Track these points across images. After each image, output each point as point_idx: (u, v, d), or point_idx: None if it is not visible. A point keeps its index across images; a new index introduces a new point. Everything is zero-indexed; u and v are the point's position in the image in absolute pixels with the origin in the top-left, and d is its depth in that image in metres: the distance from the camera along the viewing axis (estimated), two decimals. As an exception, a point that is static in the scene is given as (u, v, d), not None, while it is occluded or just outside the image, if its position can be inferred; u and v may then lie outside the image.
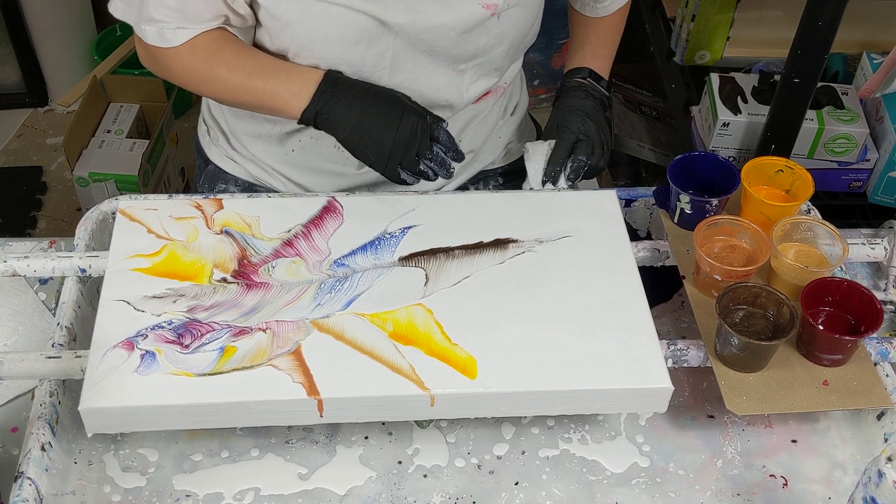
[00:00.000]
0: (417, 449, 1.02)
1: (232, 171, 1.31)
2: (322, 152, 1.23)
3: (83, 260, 1.07)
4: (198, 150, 1.37)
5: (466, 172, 1.33)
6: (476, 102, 1.24)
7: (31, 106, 2.63)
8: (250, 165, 1.29)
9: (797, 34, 1.27)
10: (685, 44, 1.76)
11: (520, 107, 1.37)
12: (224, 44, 1.11)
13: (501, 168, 1.38)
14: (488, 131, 1.31)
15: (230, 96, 1.13)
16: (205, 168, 1.34)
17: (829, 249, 1.06)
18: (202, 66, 1.11)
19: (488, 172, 1.37)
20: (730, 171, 1.12)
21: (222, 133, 1.31)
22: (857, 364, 1.00)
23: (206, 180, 1.33)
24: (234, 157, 1.30)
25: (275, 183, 1.28)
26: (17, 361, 0.97)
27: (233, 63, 1.10)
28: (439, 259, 1.06)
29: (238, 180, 1.30)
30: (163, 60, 1.12)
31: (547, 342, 0.98)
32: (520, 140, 1.39)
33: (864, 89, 1.46)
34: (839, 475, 1.01)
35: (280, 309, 1.00)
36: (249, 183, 1.30)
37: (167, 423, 0.94)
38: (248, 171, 1.30)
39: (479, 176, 1.36)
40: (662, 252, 1.13)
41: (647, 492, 0.99)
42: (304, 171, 1.26)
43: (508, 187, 1.37)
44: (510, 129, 1.36)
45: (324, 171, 1.25)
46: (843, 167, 1.55)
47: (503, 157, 1.37)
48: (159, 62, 1.13)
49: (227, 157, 1.31)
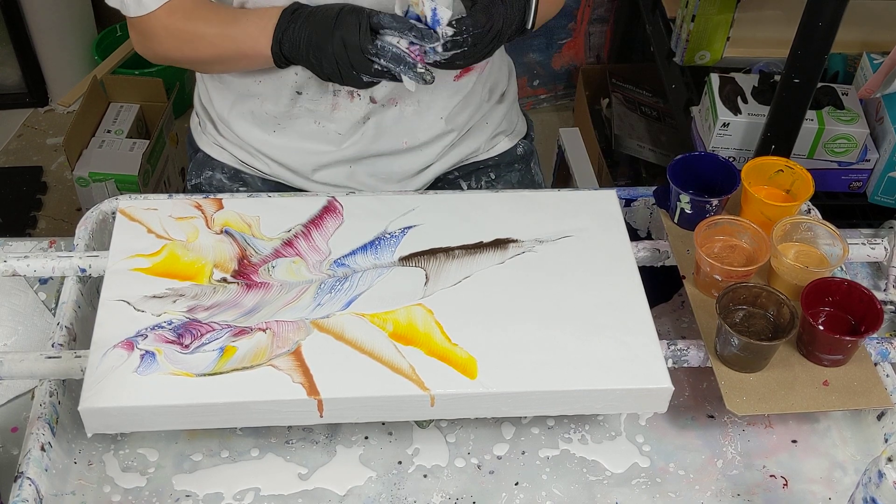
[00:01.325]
0: (417, 449, 1.02)
1: (219, 158, 1.34)
2: (302, 130, 1.25)
3: (83, 260, 1.07)
4: (189, 142, 1.40)
5: (451, 156, 1.33)
6: (458, 79, 1.25)
7: (31, 106, 2.63)
8: (236, 150, 1.32)
9: (797, 34, 1.28)
10: (685, 44, 1.76)
11: (508, 95, 1.38)
12: (198, 1, 1.15)
13: (492, 160, 1.38)
14: (472, 112, 1.31)
15: (212, 49, 1.15)
16: (195, 156, 1.38)
17: (829, 249, 1.06)
18: (182, 25, 1.14)
19: (479, 165, 1.37)
20: (730, 171, 1.12)
21: (210, 121, 1.34)
22: (858, 364, 1.00)
23: (194, 167, 1.36)
24: (222, 143, 1.33)
25: (259, 165, 1.31)
26: (17, 361, 0.97)
27: (208, 17, 1.14)
28: (439, 259, 1.06)
29: (224, 167, 1.33)
30: (148, 31, 1.16)
31: (547, 342, 0.98)
32: (507, 132, 1.39)
33: (864, 89, 1.46)
34: (839, 475, 1.01)
35: (280, 309, 1.00)
36: (235, 169, 1.33)
37: (167, 423, 0.94)
38: (234, 155, 1.33)
39: (469, 169, 1.37)
40: (662, 252, 1.13)
41: (647, 492, 0.99)
42: (286, 151, 1.28)
43: (502, 181, 1.38)
44: (498, 116, 1.36)
45: (305, 151, 1.27)
46: (843, 167, 1.55)
47: (490, 148, 1.38)
48: (146, 35, 1.17)
49: (214, 144, 1.34)
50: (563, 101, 2.69)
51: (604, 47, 2.61)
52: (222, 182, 1.33)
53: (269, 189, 1.33)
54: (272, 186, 1.33)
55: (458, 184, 1.36)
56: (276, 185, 1.33)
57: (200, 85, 1.35)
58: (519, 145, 1.41)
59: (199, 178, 1.35)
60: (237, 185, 1.33)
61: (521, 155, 1.41)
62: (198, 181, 1.35)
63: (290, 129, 1.26)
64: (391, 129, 1.26)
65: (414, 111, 1.25)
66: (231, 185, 1.33)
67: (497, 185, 1.37)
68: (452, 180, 1.36)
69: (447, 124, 1.28)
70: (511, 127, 1.40)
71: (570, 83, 2.66)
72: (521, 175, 1.40)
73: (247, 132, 1.29)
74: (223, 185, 1.33)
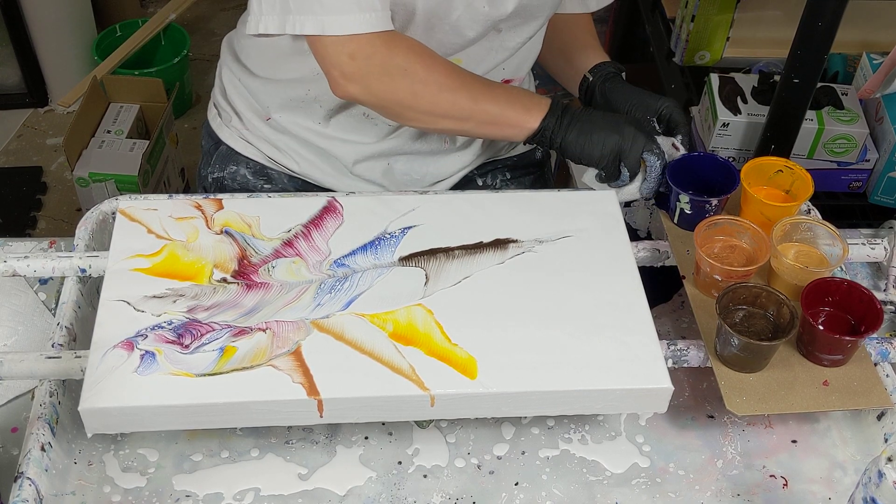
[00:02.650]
0: (417, 449, 1.02)
1: (244, 152, 1.30)
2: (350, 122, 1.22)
3: (83, 260, 1.07)
4: (208, 134, 1.34)
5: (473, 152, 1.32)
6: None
7: (31, 106, 2.63)
8: (264, 145, 1.28)
9: (797, 34, 1.27)
10: (685, 44, 1.76)
11: None
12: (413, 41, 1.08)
13: (511, 160, 1.38)
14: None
15: (469, 104, 1.10)
16: (216, 150, 1.32)
17: (829, 250, 1.06)
18: (430, 56, 1.07)
19: (497, 164, 1.37)
20: (730, 172, 1.12)
21: (236, 114, 1.30)
22: (857, 364, 1.00)
23: (218, 161, 1.31)
24: (248, 138, 1.29)
25: (288, 162, 1.28)
26: (17, 361, 0.97)
27: (446, 69, 1.09)
28: (439, 259, 1.06)
29: (250, 161, 1.30)
30: (395, 56, 1.04)
31: (547, 342, 0.98)
32: None
33: (864, 89, 1.46)
34: (839, 475, 1.01)
35: (280, 309, 1.00)
36: (261, 165, 1.29)
37: (167, 424, 0.94)
38: (261, 150, 1.29)
39: (487, 167, 1.37)
40: (662, 252, 1.13)
41: (647, 492, 0.99)
42: (333, 141, 1.24)
43: (516, 182, 1.38)
44: None
45: (351, 141, 1.24)
46: (843, 167, 1.55)
47: (513, 147, 1.38)
48: (386, 63, 1.04)
49: (240, 138, 1.30)
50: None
51: (604, 47, 2.61)
52: (246, 178, 1.29)
53: (294, 187, 1.29)
54: (298, 185, 1.30)
55: (474, 180, 1.36)
56: (302, 183, 1.30)
57: (230, 82, 1.30)
58: (538, 149, 1.42)
59: (223, 173, 1.30)
60: (262, 181, 1.29)
61: (538, 159, 1.43)
62: (220, 175, 1.31)
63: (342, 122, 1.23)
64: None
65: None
66: (255, 181, 1.29)
67: (511, 186, 1.38)
68: (469, 176, 1.36)
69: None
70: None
71: (571, 83, 2.66)
72: (535, 178, 1.41)
73: (294, 123, 1.24)
74: (247, 181, 1.29)
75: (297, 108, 1.23)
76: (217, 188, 1.32)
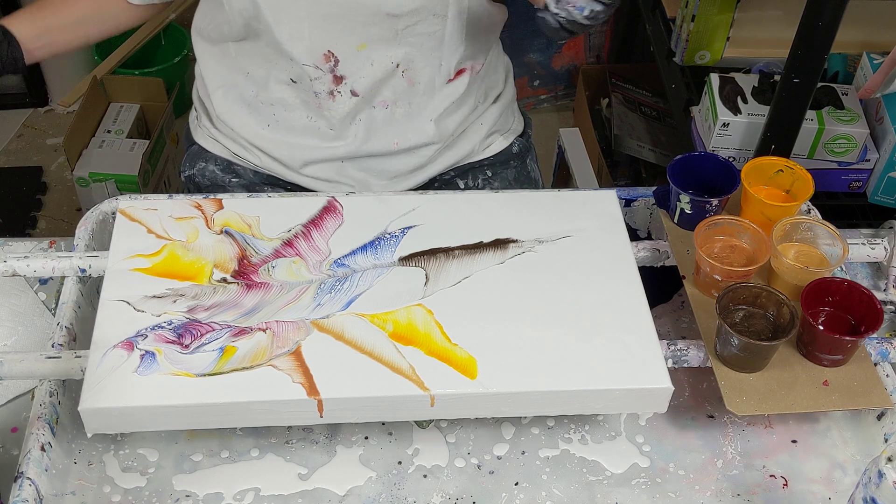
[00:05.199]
0: (417, 449, 1.02)
1: (212, 150, 1.35)
2: (294, 125, 1.26)
3: (83, 260, 1.07)
4: (186, 137, 1.42)
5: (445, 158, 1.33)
6: (451, 81, 1.26)
7: (31, 106, 2.63)
8: (229, 143, 1.33)
9: (797, 34, 1.27)
10: (685, 44, 1.76)
11: (504, 97, 1.38)
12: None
13: (487, 160, 1.38)
14: (465, 114, 1.31)
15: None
16: (189, 149, 1.39)
17: (829, 249, 1.06)
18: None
19: (474, 165, 1.37)
20: (730, 171, 1.12)
21: (206, 114, 1.35)
22: (857, 364, 1.00)
23: (188, 159, 1.38)
24: (216, 136, 1.35)
25: (251, 157, 1.32)
26: (17, 361, 0.97)
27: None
28: (439, 259, 1.06)
29: (217, 158, 1.35)
30: None
31: (547, 342, 0.98)
32: (503, 131, 1.39)
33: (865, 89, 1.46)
34: (839, 475, 1.01)
35: (280, 309, 1.00)
36: (227, 161, 1.34)
37: (167, 424, 0.94)
38: (227, 147, 1.34)
39: (465, 169, 1.37)
40: (662, 252, 1.13)
41: (647, 492, 0.99)
42: (278, 144, 1.29)
43: (499, 179, 1.38)
44: (492, 116, 1.36)
45: (296, 145, 1.28)
46: (843, 167, 1.55)
47: (484, 148, 1.38)
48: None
49: (209, 137, 1.36)
50: (564, 102, 2.69)
51: (604, 47, 2.61)
52: (215, 173, 1.34)
53: (260, 181, 1.34)
54: (264, 178, 1.34)
55: (455, 183, 1.36)
56: (267, 177, 1.34)
57: (198, 78, 1.36)
58: (514, 143, 1.41)
59: (193, 170, 1.36)
60: (230, 176, 1.34)
61: (516, 153, 1.41)
62: (191, 172, 1.36)
63: (283, 124, 1.27)
64: (382, 130, 1.26)
65: (405, 113, 1.25)
66: (223, 176, 1.34)
67: (494, 183, 1.37)
68: (449, 180, 1.37)
69: (437, 127, 1.28)
70: (506, 126, 1.40)
71: (571, 83, 2.66)
72: (518, 171, 1.40)
73: (241, 124, 1.30)
74: (216, 177, 1.34)
75: (243, 105, 1.28)
76: (191, 186, 1.37)
